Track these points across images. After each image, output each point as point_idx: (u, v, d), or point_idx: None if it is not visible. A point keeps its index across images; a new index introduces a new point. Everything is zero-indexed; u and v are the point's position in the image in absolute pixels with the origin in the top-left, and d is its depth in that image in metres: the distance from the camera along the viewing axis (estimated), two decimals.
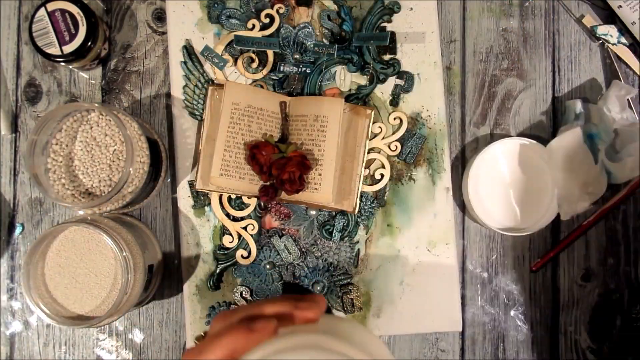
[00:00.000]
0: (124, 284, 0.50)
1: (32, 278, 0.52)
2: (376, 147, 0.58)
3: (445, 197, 0.57)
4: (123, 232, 0.53)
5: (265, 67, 0.58)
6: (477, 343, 0.59)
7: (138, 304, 0.57)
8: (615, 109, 0.56)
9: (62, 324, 0.51)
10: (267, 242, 0.57)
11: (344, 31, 0.58)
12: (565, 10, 0.61)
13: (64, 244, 0.54)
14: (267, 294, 0.57)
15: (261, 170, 0.55)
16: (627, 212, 0.60)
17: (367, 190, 0.57)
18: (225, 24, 0.58)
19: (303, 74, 0.58)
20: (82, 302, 0.54)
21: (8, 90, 0.61)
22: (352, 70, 0.58)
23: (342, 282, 0.57)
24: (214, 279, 0.57)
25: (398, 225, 0.58)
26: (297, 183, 0.54)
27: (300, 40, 0.58)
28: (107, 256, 0.54)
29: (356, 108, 0.57)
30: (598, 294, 0.60)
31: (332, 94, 0.58)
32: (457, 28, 0.61)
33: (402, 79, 0.58)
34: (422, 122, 0.58)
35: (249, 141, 0.56)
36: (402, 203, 0.58)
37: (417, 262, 0.57)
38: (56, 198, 0.53)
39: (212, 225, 0.58)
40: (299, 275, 0.57)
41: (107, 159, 0.55)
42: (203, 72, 0.58)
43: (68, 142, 0.55)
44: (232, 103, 0.55)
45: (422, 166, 0.58)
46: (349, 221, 0.57)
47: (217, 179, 0.55)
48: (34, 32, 0.55)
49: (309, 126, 0.56)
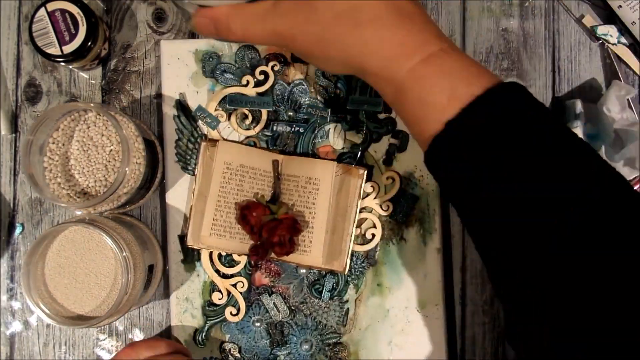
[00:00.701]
0: (124, 284, 0.50)
1: (32, 278, 0.52)
2: (368, 206, 0.57)
3: (436, 258, 0.57)
4: (123, 232, 0.53)
5: (258, 124, 0.57)
6: (477, 343, 0.59)
7: (138, 304, 0.57)
8: (615, 109, 0.56)
9: (62, 324, 0.51)
10: (256, 300, 0.57)
11: (339, 89, 0.57)
12: (565, 10, 0.61)
13: (64, 244, 0.54)
14: (255, 352, 0.57)
15: (252, 231, 0.55)
16: None
17: (357, 250, 0.57)
18: (219, 78, 0.58)
19: (296, 133, 0.57)
20: (82, 302, 0.54)
21: (8, 90, 0.61)
22: (346, 128, 0.57)
23: (331, 341, 0.57)
24: (202, 334, 0.57)
25: (388, 285, 0.57)
26: (287, 246, 0.54)
27: (295, 97, 0.57)
28: (107, 256, 0.54)
29: (349, 169, 0.56)
30: None
31: (325, 152, 0.57)
32: (457, 28, 0.61)
33: (397, 139, 0.57)
34: (414, 181, 0.57)
35: (240, 200, 0.56)
36: (393, 263, 0.57)
37: (406, 323, 0.57)
38: (52, 198, 0.53)
39: (201, 281, 0.57)
40: (287, 334, 0.57)
41: (103, 159, 0.54)
42: (196, 127, 0.57)
43: (65, 141, 0.55)
44: (224, 162, 0.55)
45: (414, 226, 0.57)
46: (339, 280, 0.57)
47: (208, 239, 0.55)
48: (34, 32, 0.55)
49: (301, 187, 0.55)
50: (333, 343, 0.57)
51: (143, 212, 0.60)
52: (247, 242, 0.56)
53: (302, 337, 0.57)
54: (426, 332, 0.57)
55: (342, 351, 0.57)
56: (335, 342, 0.57)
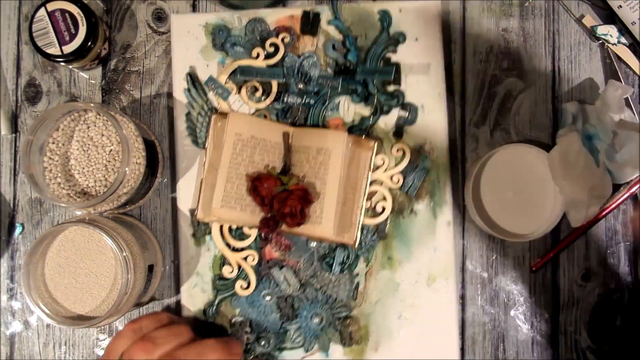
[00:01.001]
0: (124, 284, 0.50)
1: (32, 278, 0.52)
2: (378, 179, 0.57)
3: (446, 231, 0.57)
4: (123, 232, 0.53)
5: (268, 97, 0.58)
6: (477, 343, 0.59)
7: (138, 304, 0.57)
8: (613, 109, 0.56)
9: (62, 324, 0.51)
10: (266, 273, 0.57)
11: (349, 61, 0.58)
12: (565, 10, 0.61)
13: (64, 244, 0.54)
14: (265, 326, 0.57)
15: (263, 202, 0.55)
16: (627, 212, 0.60)
17: (368, 223, 0.57)
18: (229, 51, 0.58)
19: (307, 105, 0.58)
20: (82, 302, 0.54)
21: (8, 90, 0.61)
22: (356, 101, 0.58)
23: (341, 315, 0.57)
24: (213, 308, 0.57)
25: (398, 258, 0.57)
26: (298, 217, 0.54)
27: (305, 69, 0.58)
28: (107, 256, 0.54)
29: (359, 140, 0.56)
30: (598, 294, 0.60)
31: (335, 124, 0.58)
32: (457, 28, 0.61)
33: (406, 111, 0.58)
34: (424, 154, 0.57)
35: (251, 172, 0.56)
36: (403, 236, 0.57)
37: (416, 297, 0.57)
38: (52, 198, 0.53)
39: (212, 255, 0.57)
40: (297, 308, 0.57)
41: (103, 159, 0.54)
42: (207, 100, 0.58)
43: (65, 141, 0.55)
44: (235, 134, 0.55)
45: (424, 199, 0.57)
46: (349, 254, 0.57)
47: (219, 210, 0.55)
48: (34, 32, 0.55)
49: (312, 159, 0.55)
50: (343, 317, 0.57)
51: (143, 212, 0.60)
52: (258, 214, 0.56)
53: (312, 311, 0.57)
54: (436, 306, 0.57)
55: (352, 325, 0.57)
56: (345, 315, 0.57)
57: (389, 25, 0.58)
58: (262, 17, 0.58)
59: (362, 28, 0.58)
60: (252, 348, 0.57)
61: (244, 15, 0.58)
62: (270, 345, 0.57)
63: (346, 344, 0.57)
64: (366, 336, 0.57)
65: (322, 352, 0.57)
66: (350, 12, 0.58)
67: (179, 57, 0.58)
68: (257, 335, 0.57)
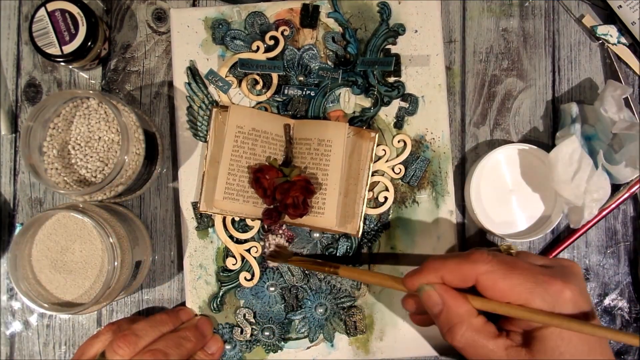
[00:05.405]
0: (110, 271, 0.50)
1: (20, 264, 0.51)
2: (380, 169, 0.57)
3: (449, 220, 0.57)
4: (116, 224, 0.52)
5: (269, 89, 0.58)
6: None
7: (126, 292, 0.56)
8: (612, 109, 0.56)
9: (41, 307, 0.51)
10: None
11: (349, 53, 0.58)
12: (565, 10, 0.61)
13: (56, 228, 0.53)
14: (270, 316, 0.57)
15: (265, 194, 0.55)
16: (627, 212, 0.60)
17: (370, 213, 0.57)
18: (229, 45, 0.58)
19: (307, 97, 0.58)
20: (64, 288, 0.53)
21: (8, 90, 0.61)
22: (357, 92, 0.58)
23: (345, 305, 0.57)
24: (217, 300, 0.57)
25: (401, 248, 0.57)
26: (300, 207, 0.54)
27: (305, 62, 0.58)
28: (97, 247, 0.53)
29: (360, 131, 0.57)
30: (598, 294, 0.60)
31: (336, 116, 0.58)
32: (457, 28, 0.61)
33: (407, 102, 0.58)
34: (426, 144, 0.58)
35: (252, 164, 0.56)
36: (406, 226, 0.57)
37: None
38: (50, 184, 0.52)
39: (215, 247, 0.57)
40: (301, 298, 0.57)
41: (102, 148, 0.54)
42: (207, 94, 0.58)
43: (64, 128, 0.54)
44: (236, 126, 0.55)
45: (426, 189, 0.58)
46: (352, 244, 0.57)
47: (221, 202, 0.55)
48: (34, 32, 0.55)
49: (313, 150, 0.56)
50: (347, 307, 0.57)
51: (143, 212, 0.60)
52: (261, 206, 0.56)
53: (316, 301, 0.57)
54: None
55: (356, 314, 0.57)
56: (349, 305, 0.57)
57: (388, 17, 0.58)
58: (262, 11, 0.58)
59: (361, 20, 0.58)
60: (256, 338, 0.57)
61: (243, 9, 0.58)
62: (275, 336, 0.57)
63: (351, 333, 0.57)
64: (371, 325, 0.57)
65: (327, 342, 0.57)
66: (349, 4, 0.58)
67: (179, 51, 0.58)
68: (262, 326, 0.57)
